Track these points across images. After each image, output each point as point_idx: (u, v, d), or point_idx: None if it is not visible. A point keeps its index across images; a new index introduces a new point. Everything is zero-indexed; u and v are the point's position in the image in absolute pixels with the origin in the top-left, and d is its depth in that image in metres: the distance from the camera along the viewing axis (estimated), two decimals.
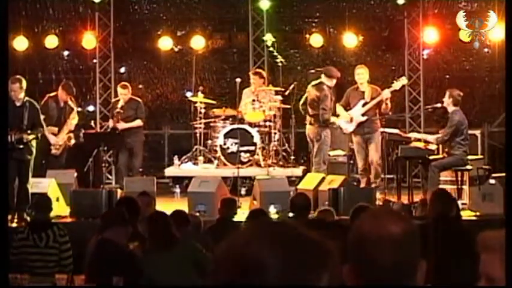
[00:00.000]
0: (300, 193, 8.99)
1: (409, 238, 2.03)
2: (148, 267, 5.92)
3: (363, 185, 11.00)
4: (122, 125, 12.01)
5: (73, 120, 11.61)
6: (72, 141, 11.45)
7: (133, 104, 12.27)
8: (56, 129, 11.46)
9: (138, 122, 12.22)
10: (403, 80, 11.61)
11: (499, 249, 2.15)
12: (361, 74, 11.21)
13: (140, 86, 14.75)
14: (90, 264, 6.10)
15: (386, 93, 11.06)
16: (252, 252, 1.59)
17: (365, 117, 11.04)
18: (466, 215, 9.88)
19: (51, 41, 13.99)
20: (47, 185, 10.14)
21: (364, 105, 11.09)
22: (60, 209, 10.16)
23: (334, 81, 11.30)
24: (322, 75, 11.34)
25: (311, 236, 1.65)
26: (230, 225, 7.54)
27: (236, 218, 8.11)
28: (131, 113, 12.18)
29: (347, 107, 11.28)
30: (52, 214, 9.35)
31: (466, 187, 10.58)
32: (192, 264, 5.93)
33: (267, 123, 12.58)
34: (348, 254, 2.05)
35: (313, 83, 11.48)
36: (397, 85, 11.35)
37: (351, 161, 12.11)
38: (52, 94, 11.72)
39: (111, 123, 12.41)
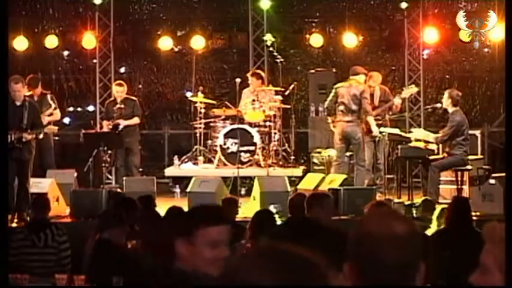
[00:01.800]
0: (299, 193, 8.95)
1: (413, 239, 2.04)
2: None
3: (365, 183, 10.93)
4: (123, 122, 12.02)
5: (50, 116, 11.44)
6: (41, 136, 11.31)
7: (129, 102, 12.30)
8: (55, 128, 11.46)
9: (136, 120, 12.26)
10: (413, 88, 11.61)
11: (501, 241, 2.14)
12: (373, 83, 11.23)
13: (140, 86, 14.75)
14: (89, 266, 6.09)
15: (397, 101, 11.21)
16: (252, 277, 1.60)
17: (375, 122, 11.06)
18: None
19: (51, 41, 13.99)
20: (47, 185, 10.14)
21: (374, 108, 11.09)
22: (60, 209, 10.17)
23: (364, 77, 11.15)
24: (351, 76, 11.17)
25: (308, 258, 1.66)
26: (232, 225, 7.52)
27: (238, 218, 8.11)
28: (128, 111, 12.20)
29: None
30: (52, 214, 9.36)
31: (466, 187, 10.58)
32: None
33: (267, 123, 12.58)
34: (348, 252, 2.05)
35: (342, 84, 11.14)
36: (406, 92, 11.40)
37: (351, 161, 12.10)
38: (28, 93, 11.69)
39: (105, 126, 12.35)
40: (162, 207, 9.75)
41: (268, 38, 13.66)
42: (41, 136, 9.94)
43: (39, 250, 7.00)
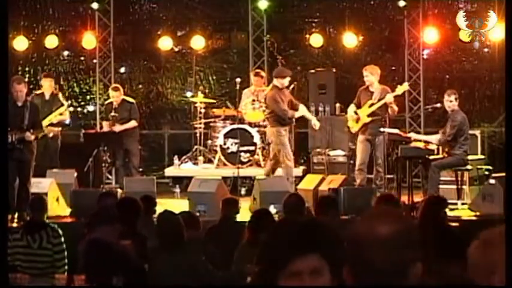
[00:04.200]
0: (293, 194, 8.93)
1: (401, 239, 2.02)
2: (153, 267, 5.89)
3: (357, 182, 10.91)
4: (117, 128, 12.00)
5: (61, 115, 11.61)
6: (51, 135, 11.42)
7: (126, 105, 12.25)
8: (56, 129, 11.48)
9: (133, 123, 12.21)
10: (405, 86, 11.45)
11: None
12: (366, 77, 11.11)
13: (140, 86, 14.75)
14: (83, 267, 6.08)
15: (389, 98, 10.86)
16: None
17: (370, 119, 10.96)
18: (466, 215, 9.89)
19: (51, 41, 13.99)
20: (47, 185, 10.13)
21: (370, 106, 11.02)
22: (60, 209, 10.16)
23: (284, 80, 11.11)
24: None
25: None
26: (233, 225, 7.52)
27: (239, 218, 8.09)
28: (125, 115, 12.16)
29: (359, 106, 11.18)
30: (52, 214, 9.37)
31: (466, 187, 10.58)
32: (188, 268, 5.86)
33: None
34: (345, 254, 2.05)
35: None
36: (399, 90, 11.20)
37: (351, 161, 12.09)
38: (38, 92, 11.77)
39: (105, 126, 12.39)
40: (162, 207, 9.78)
41: (268, 38, 13.71)
42: (48, 133, 9.99)
43: (33, 251, 6.98)
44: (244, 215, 9.46)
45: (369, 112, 10.94)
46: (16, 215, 9.52)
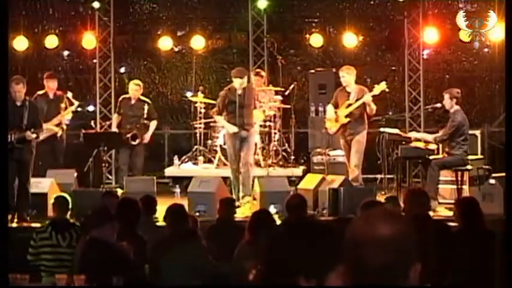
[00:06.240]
0: (295, 194, 8.92)
1: (399, 240, 2.02)
2: (158, 260, 5.90)
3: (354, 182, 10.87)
4: (147, 136, 12.03)
5: (67, 115, 11.65)
6: (59, 134, 11.43)
7: (142, 104, 12.16)
8: (56, 128, 11.47)
9: (154, 124, 12.24)
10: (382, 86, 11.24)
11: None
12: (343, 77, 11.02)
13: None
14: (80, 266, 6.08)
15: (367, 98, 10.72)
16: None
17: (348, 119, 10.88)
18: None
19: (51, 41, 13.99)
20: (47, 185, 10.13)
21: (348, 106, 10.95)
22: None
23: (241, 80, 10.89)
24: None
25: None
26: (231, 225, 7.53)
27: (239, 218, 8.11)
28: (139, 113, 12.10)
29: (336, 107, 11.11)
30: (52, 214, 9.37)
31: (466, 187, 10.57)
32: (189, 266, 5.87)
33: (267, 123, 12.58)
34: (342, 254, 2.05)
35: None
36: (376, 90, 11.04)
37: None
38: (41, 92, 11.75)
39: (115, 120, 12.35)
40: (162, 207, 9.76)
41: (269, 38, 13.71)
42: (41, 137, 9.99)
43: (62, 250, 7.06)
44: (244, 214, 9.48)
45: (346, 113, 10.87)
46: (16, 215, 9.54)
